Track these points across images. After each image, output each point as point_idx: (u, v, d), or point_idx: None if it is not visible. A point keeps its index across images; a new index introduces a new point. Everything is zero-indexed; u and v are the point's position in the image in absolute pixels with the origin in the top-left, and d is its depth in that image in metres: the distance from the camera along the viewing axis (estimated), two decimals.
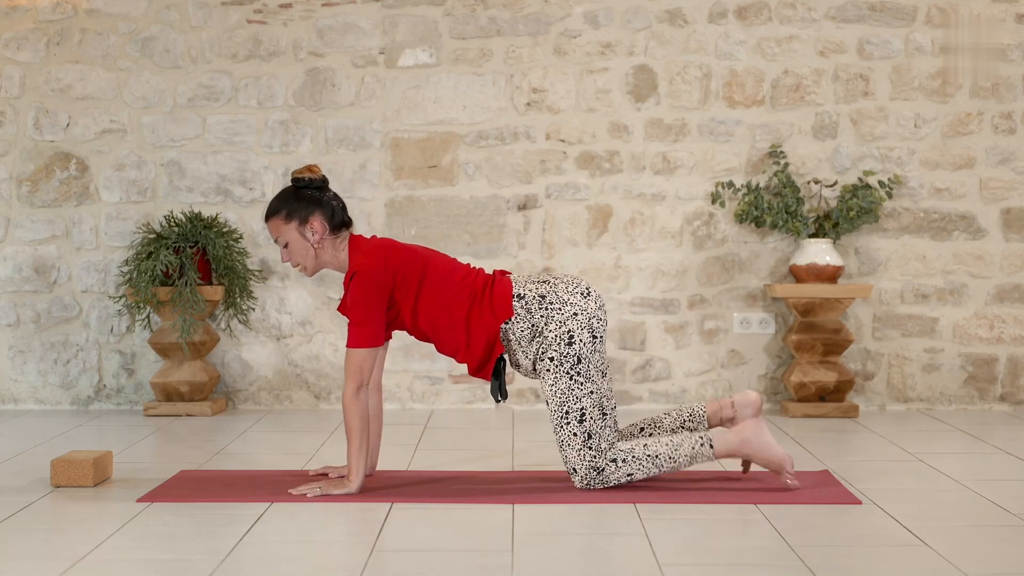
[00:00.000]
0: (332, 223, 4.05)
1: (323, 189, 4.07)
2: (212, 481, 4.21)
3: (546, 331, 4.00)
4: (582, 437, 3.99)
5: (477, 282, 4.06)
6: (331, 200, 4.06)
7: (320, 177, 4.07)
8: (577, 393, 3.98)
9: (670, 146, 5.92)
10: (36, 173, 5.95)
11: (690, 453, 4.01)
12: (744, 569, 3.17)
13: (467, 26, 5.92)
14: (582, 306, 4.02)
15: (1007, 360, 5.94)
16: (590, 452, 4.00)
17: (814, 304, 5.68)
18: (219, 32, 5.93)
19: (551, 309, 4.01)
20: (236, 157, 5.94)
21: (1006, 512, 3.77)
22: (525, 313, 4.01)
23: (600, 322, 4.04)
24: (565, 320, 4.00)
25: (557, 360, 3.99)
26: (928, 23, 5.90)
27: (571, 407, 3.99)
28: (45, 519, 3.72)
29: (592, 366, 4.01)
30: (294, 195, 4.06)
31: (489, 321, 4.01)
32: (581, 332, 3.99)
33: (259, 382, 5.98)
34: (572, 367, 3.99)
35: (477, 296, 4.03)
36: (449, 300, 4.02)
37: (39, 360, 5.97)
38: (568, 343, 3.99)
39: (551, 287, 4.04)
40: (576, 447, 4.00)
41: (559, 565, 3.21)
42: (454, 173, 5.93)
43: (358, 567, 3.18)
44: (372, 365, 3.98)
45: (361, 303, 3.96)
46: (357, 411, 3.96)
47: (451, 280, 4.04)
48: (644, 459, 4.00)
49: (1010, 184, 5.93)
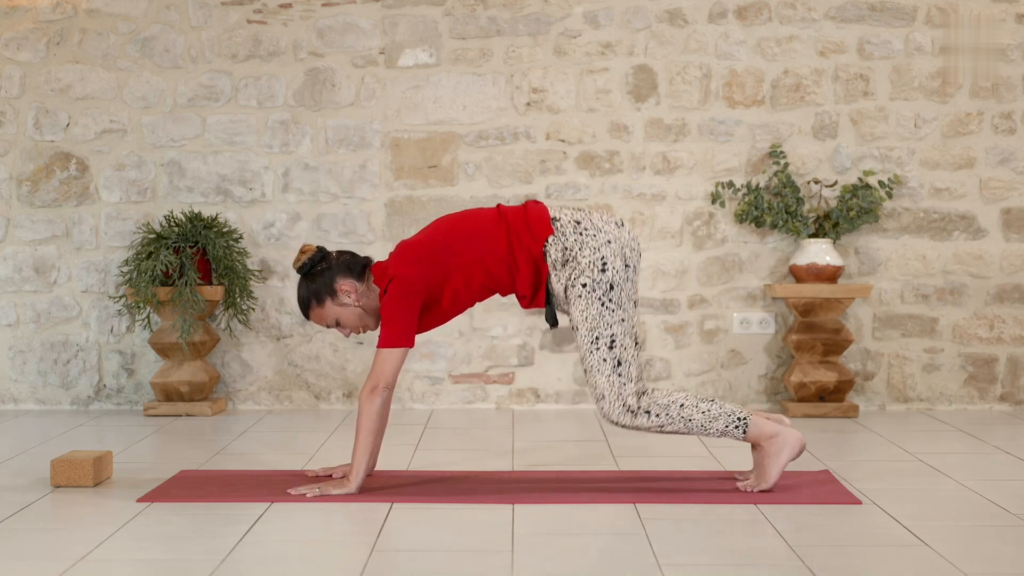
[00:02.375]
0: (354, 275, 4.06)
1: (325, 258, 4.08)
2: (212, 481, 4.21)
3: (579, 256, 3.96)
4: (612, 363, 3.95)
5: (509, 216, 4.03)
6: (338, 259, 4.08)
7: (315, 251, 4.07)
8: (608, 319, 3.95)
9: (670, 146, 5.92)
10: (36, 173, 5.95)
11: (722, 430, 3.97)
12: (744, 569, 3.17)
13: (467, 26, 5.92)
14: (616, 235, 3.99)
15: (1007, 360, 5.94)
16: (619, 379, 3.96)
17: (814, 304, 5.68)
18: (219, 32, 5.93)
19: (585, 235, 3.98)
20: (236, 157, 5.94)
21: (1006, 512, 3.77)
22: (560, 235, 3.98)
23: (633, 252, 4.01)
24: (599, 247, 3.97)
25: (590, 286, 3.95)
26: (928, 23, 5.90)
27: (601, 332, 3.95)
28: (45, 519, 3.72)
29: (624, 294, 3.98)
30: (308, 281, 4.07)
31: (529, 243, 3.98)
32: (614, 259, 3.97)
33: (259, 382, 5.98)
34: (604, 293, 3.95)
35: (512, 227, 4.00)
36: (486, 251, 3.99)
37: (39, 360, 5.97)
38: (602, 269, 3.96)
39: (586, 215, 4.02)
40: (605, 373, 3.96)
41: (559, 565, 3.21)
42: (454, 173, 5.93)
43: (358, 567, 3.18)
44: (396, 367, 3.96)
45: (393, 303, 3.95)
46: (367, 410, 3.96)
47: (480, 236, 4.00)
48: (678, 419, 3.95)
49: (1010, 184, 5.93)
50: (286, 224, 5.94)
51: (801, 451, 4.01)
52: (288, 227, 5.94)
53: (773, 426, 3.98)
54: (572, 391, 5.95)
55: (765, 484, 3.98)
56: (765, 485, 3.98)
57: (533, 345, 5.95)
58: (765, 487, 3.97)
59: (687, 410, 3.96)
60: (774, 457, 3.97)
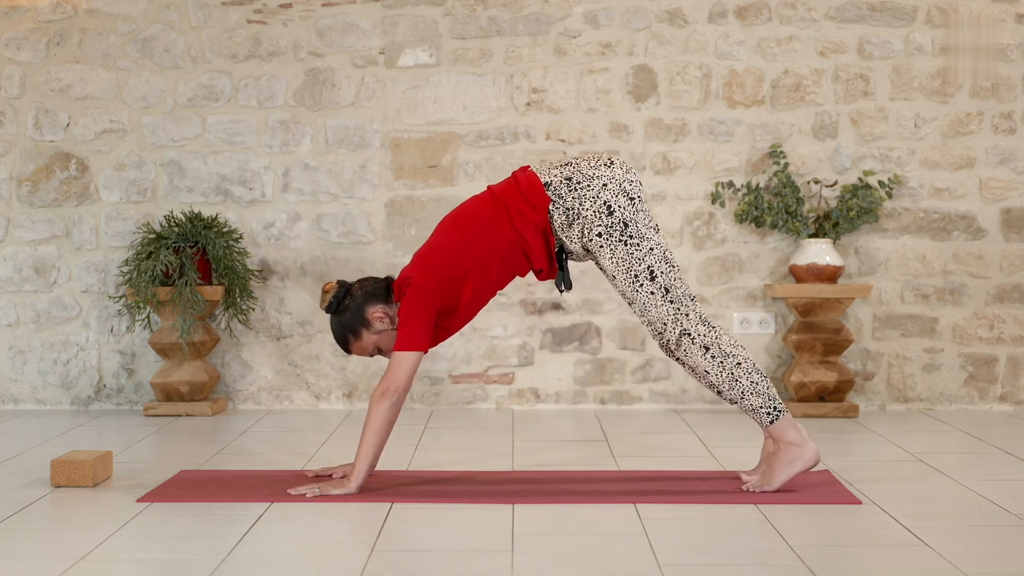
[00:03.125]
0: (380, 299, 4.05)
1: (349, 291, 4.07)
2: (212, 481, 4.21)
3: (583, 211, 3.96)
4: (660, 293, 3.95)
5: (503, 195, 4.01)
6: (361, 288, 4.07)
7: (337, 287, 4.07)
8: (637, 255, 3.95)
9: (670, 146, 5.92)
10: (36, 173, 5.95)
11: (755, 407, 3.97)
12: (744, 569, 3.17)
13: (467, 26, 5.92)
14: (609, 175, 3.98)
15: (1007, 360, 5.94)
16: (672, 305, 3.95)
17: (814, 304, 5.68)
18: (219, 32, 5.93)
19: (580, 188, 3.97)
20: (236, 157, 5.94)
21: (1006, 512, 3.77)
22: (557, 199, 3.98)
23: (632, 184, 3.99)
24: (597, 194, 3.96)
25: (605, 234, 3.95)
26: (928, 23, 5.90)
27: (638, 269, 3.95)
28: (45, 519, 3.72)
29: (641, 225, 3.97)
30: (338, 317, 4.06)
31: (533, 216, 3.97)
32: (617, 198, 3.95)
33: (259, 382, 5.98)
34: (622, 233, 3.95)
35: (510, 206, 3.99)
36: (494, 240, 3.98)
37: (39, 360, 5.97)
38: (608, 213, 3.95)
39: (574, 168, 4.01)
40: (658, 304, 3.95)
41: (559, 565, 3.21)
42: (454, 173, 5.93)
43: (358, 567, 3.18)
44: (409, 371, 3.94)
45: (410, 306, 3.95)
46: (376, 412, 3.95)
47: (485, 226, 3.99)
48: (728, 373, 3.95)
49: (1010, 184, 5.93)
50: (286, 224, 5.94)
51: (814, 465, 4.01)
52: (288, 227, 5.94)
53: (797, 434, 3.99)
54: (572, 391, 5.95)
55: (769, 486, 3.98)
56: (769, 487, 3.97)
57: (533, 345, 5.95)
58: (768, 489, 3.97)
59: (740, 370, 3.96)
60: (786, 464, 3.98)
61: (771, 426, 3.98)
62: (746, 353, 4.00)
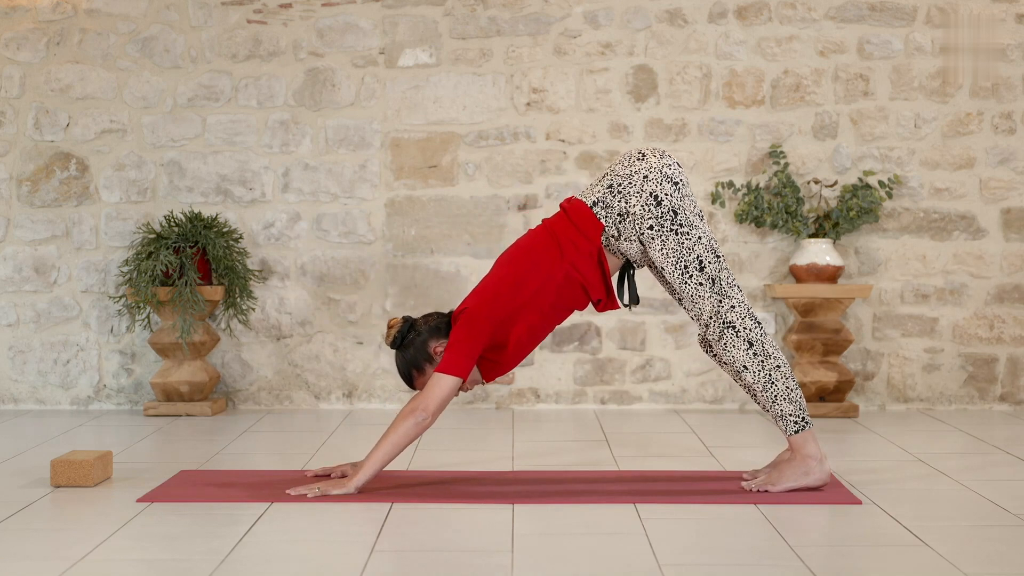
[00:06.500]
0: (443, 334, 4.05)
1: (413, 326, 4.08)
2: (212, 481, 4.21)
3: (632, 208, 3.96)
4: (708, 284, 3.96)
5: (555, 227, 4.02)
6: (425, 323, 4.08)
7: (401, 323, 4.07)
8: (688, 244, 3.96)
9: (670, 146, 5.92)
10: (36, 173, 5.95)
11: (783, 414, 3.97)
12: (744, 569, 3.17)
13: (467, 26, 5.92)
14: (645, 167, 3.99)
15: (1007, 360, 5.94)
16: (717, 297, 3.97)
17: (814, 304, 5.68)
18: (219, 32, 5.93)
19: (622, 189, 3.98)
20: (236, 157, 5.94)
21: (1006, 512, 3.77)
22: (606, 212, 3.98)
23: (672, 168, 3.99)
24: (641, 188, 3.96)
25: (656, 225, 3.95)
26: (928, 23, 5.90)
27: (688, 260, 3.96)
28: (45, 519, 3.72)
29: (689, 212, 3.97)
30: (404, 353, 4.06)
31: (584, 245, 3.98)
32: (661, 186, 3.96)
33: (259, 382, 5.98)
34: (672, 222, 3.95)
35: (560, 236, 3.99)
36: (549, 274, 3.98)
37: (39, 360, 5.97)
38: (657, 204, 3.95)
39: (611, 175, 4.02)
40: (706, 296, 3.97)
41: (559, 565, 3.21)
42: (454, 173, 5.93)
43: (358, 567, 3.18)
44: (443, 397, 3.93)
45: (459, 331, 3.96)
46: (400, 425, 3.95)
47: (539, 260, 3.99)
48: (765, 373, 3.95)
49: (1010, 184, 5.93)
50: (286, 224, 5.94)
51: (822, 486, 4.01)
52: (288, 227, 5.94)
53: (816, 450, 4.00)
54: (572, 391, 5.95)
55: (772, 486, 3.98)
56: (772, 487, 3.98)
57: None
58: (771, 489, 3.97)
59: (779, 373, 3.98)
60: (798, 474, 3.99)
61: (795, 435, 3.99)
62: (783, 358, 4.01)
